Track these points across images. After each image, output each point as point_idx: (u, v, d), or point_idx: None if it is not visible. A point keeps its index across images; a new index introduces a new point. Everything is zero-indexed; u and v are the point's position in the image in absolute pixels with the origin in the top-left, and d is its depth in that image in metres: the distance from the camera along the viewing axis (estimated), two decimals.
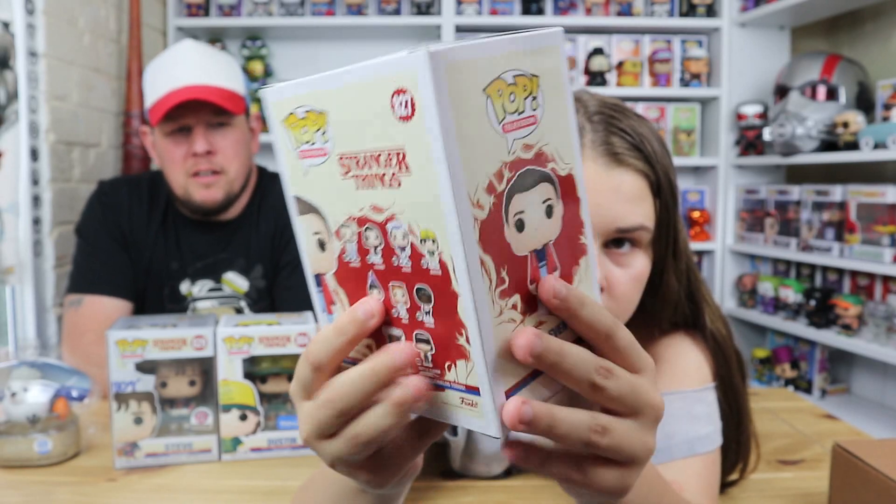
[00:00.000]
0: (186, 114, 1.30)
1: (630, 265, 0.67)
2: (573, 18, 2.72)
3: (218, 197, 1.35)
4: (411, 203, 0.34)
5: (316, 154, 0.38)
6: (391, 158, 0.34)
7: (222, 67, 1.35)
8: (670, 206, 0.68)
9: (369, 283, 0.38)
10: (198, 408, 0.92)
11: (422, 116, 0.31)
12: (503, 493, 0.82)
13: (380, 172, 0.35)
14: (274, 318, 0.95)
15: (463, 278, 0.33)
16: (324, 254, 0.40)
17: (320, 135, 0.37)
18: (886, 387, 2.36)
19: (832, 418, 1.10)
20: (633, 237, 0.66)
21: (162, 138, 1.33)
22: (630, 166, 0.65)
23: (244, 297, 1.40)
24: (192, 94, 1.27)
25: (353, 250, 0.38)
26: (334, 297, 0.41)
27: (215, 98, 1.28)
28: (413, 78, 0.31)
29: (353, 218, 0.38)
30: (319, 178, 0.38)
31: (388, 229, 0.36)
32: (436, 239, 0.33)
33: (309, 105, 0.37)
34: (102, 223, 1.38)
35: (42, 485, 0.85)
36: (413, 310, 0.37)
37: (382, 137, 0.34)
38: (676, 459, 0.70)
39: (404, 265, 0.36)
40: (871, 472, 0.65)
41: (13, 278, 1.76)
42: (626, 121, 0.67)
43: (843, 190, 2.19)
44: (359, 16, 2.72)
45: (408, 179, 0.34)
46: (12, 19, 1.74)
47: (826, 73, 2.32)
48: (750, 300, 2.64)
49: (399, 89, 0.32)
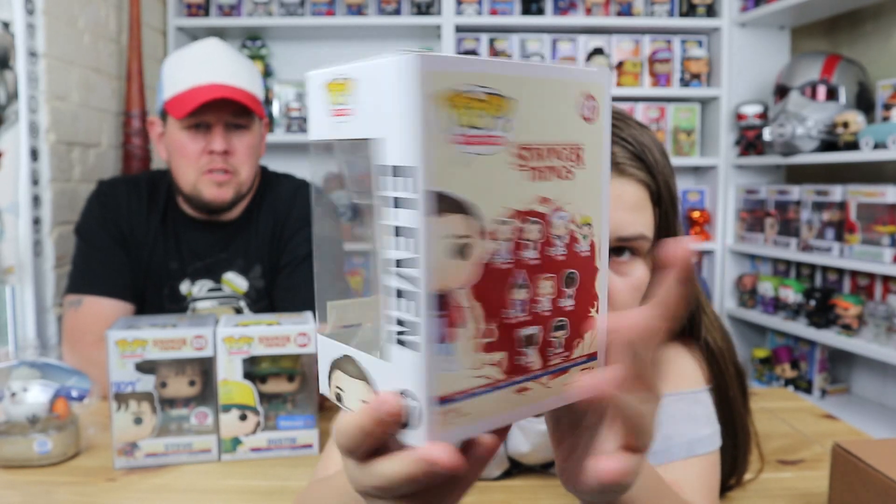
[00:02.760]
0: (208, 111, 1.30)
1: (630, 274, 0.67)
2: (573, 18, 2.72)
3: (227, 197, 1.35)
4: (580, 193, 0.39)
5: (487, 141, 0.35)
6: (571, 153, 0.39)
7: (248, 70, 1.37)
8: (670, 214, 0.69)
9: (518, 282, 0.37)
10: (197, 408, 0.92)
11: (601, 120, 0.40)
12: (503, 493, 0.82)
13: (559, 165, 0.38)
14: (274, 319, 0.95)
15: (605, 252, 0.41)
16: (463, 262, 0.35)
17: (501, 121, 0.35)
18: (886, 387, 2.36)
19: (832, 418, 1.10)
20: (633, 246, 0.67)
21: (178, 131, 1.33)
22: (632, 176, 0.66)
23: (243, 298, 1.40)
24: (222, 92, 1.28)
25: (505, 249, 0.36)
26: (464, 316, 0.35)
27: (243, 99, 1.29)
28: (601, 89, 0.40)
29: (515, 213, 0.36)
30: (483, 168, 0.35)
31: (553, 220, 0.38)
32: (591, 223, 0.40)
33: (492, 88, 0.34)
34: (101, 223, 1.38)
35: (42, 485, 0.85)
36: (557, 297, 0.39)
37: (565, 133, 0.38)
38: (676, 460, 0.70)
39: (559, 254, 0.39)
40: (871, 472, 0.65)
41: (13, 278, 1.76)
42: (628, 130, 0.68)
43: (843, 190, 2.19)
44: (359, 16, 2.72)
45: (581, 172, 0.39)
46: (12, 19, 1.74)
47: (826, 73, 2.32)
48: (750, 300, 2.64)
49: (589, 95, 0.39)
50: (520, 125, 0.36)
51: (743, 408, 0.78)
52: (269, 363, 0.93)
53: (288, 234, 1.41)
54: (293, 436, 0.94)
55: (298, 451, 0.95)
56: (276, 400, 0.95)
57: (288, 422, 0.94)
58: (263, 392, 0.93)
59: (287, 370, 0.94)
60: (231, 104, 1.30)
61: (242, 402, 0.92)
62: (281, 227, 1.42)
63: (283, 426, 0.94)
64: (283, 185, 1.47)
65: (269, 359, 0.93)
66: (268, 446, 0.94)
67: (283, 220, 1.42)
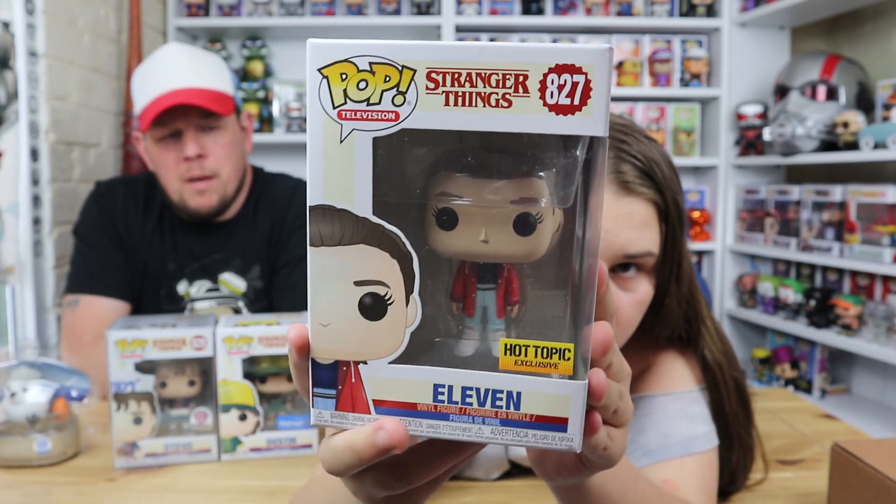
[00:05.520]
0: (176, 118, 1.29)
1: (635, 290, 0.68)
2: (573, 18, 2.72)
3: (212, 203, 1.35)
4: None
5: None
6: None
7: (209, 68, 1.34)
8: (677, 231, 0.69)
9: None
10: (197, 408, 0.92)
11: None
12: (503, 493, 0.82)
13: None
14: (273, 318, 0.95)
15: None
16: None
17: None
18: (886, 387, 2.36)
19: (831, 418, 1.10)
20: (639, 262, 0.67)
21: (153, 144, 1.33)
22: (641, 195, 0.66)
23: (242, 298, 1.40)
24: (180, 98, 1.26)
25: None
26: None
27: (203, 101, 1.27)
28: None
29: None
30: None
31: None
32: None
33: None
34: (99, 224, 1.38)
35: (41, 485, 0.85)
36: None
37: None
38: (673, 459, 0.70)
39: None
40: (871, 472, 0.65)
41: (13, 278, 1.76)
42: (637, 145, 0.68)
43: (843, 190, 2.19)
44: (359, 16, 2.72)
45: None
46: (12, 19, 1.74)
47: (826, 73, 2.32)
48: (750, 300, 2.64)
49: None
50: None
51: (743, 422, 0.77)
52: (269, 363, 0.93)
53: (286, 233, 1.41)
54: (293, 436, 0.94)
55: (298, 451, 0.95)
56: (275, 400, 0.95)
57: (287, 422, 0.94)
58: (263, 392, 0.93)
59: (286, 370, 0.94)
60: (196, 107, 1.28)
61: (242, 402, 0.92)
62: (279, 226, 1.41)
63: (282, 426, 0.94)
64: (280, 185, 1.46)
65: (269, 359, 0.93)
66: (267, 446, 0.94)
67: (280, 219, 1.42)
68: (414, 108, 0.32)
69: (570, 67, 0.31)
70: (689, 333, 0.76)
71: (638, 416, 0.75)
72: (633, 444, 0.73)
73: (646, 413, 0.75)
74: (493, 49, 0.31)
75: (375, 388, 0.35)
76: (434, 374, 0.35)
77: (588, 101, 0.31)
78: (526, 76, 0.31)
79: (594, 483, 0.48)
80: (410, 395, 0.35)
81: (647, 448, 0.72)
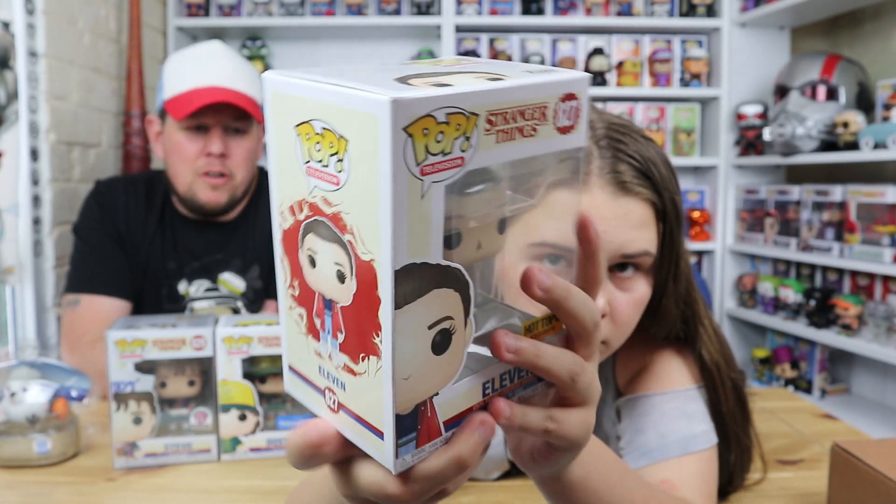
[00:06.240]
0: (208, 113, 1.30)
1: (632, 289, 0.68)
2: (573, 18, 2.72)
3: (222, 200, 1.35)
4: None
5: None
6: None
7: (248, 74, 1.37)
8: (674, 230, 0.69)
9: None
10: (197, 408, 0.92)
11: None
12: (503, 493, 0.82)
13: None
14: (273, 318, 0.95)
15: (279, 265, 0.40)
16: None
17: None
18: (886, 387, 2.36)
19: (831, 418, 1.10)
20: (636, 262, 0.67)
21: (177, 131, 1.33)
22: (638, 195, 0.66)
23: (241, 298, 1.40)
24: (223, 96, 1.28)
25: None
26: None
27: (243, 103, 1.29)
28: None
29: None
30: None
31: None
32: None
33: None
34: (99, 223, 1.38)
35: (41, 485, 0.85)
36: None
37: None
38: (671, 458, 0.70)
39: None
40: (870, 472, 0.65)
41: (13, 278, 1.76)
42: (634, 145, 0.67)
43: (843, 190, 2.19)
44: (359, 16, 2.73)
45: None
46: (12, 19, 1.74)
47: (826, 73, 2.32)
48: (750, 300, 2.64)
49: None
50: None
51: (741, 422, 0.76)
52: (269, 363, 0.93)
53: None
54: None
55: None
56: (275, 400, 0.95)
57: (287, 422, 0.94)
58: (263, 392, 0.93)
59: None
60: (230, 108, 1.30)
61: (242, 402, 0.92)
62: None
63: (282, 426, 0.94)
64: None
65: (269, 359, 0.93)
66: (267, 446, 0.94)
67: None
68: (475, 150, 0.32)
69: (571, 95, 0.36)
70: (687, 333, 0.76)
71: (635, 416, 0.75)
72: (630, 444, 0.73)
73: (643, 413, 0.75)
74: (531, 86, 0.34)
75: (445, 411, 0.35)
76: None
77: (578, 121, 0.37)
78: (546, 106, 0.35)
79: (576, 475, 0.48)
80: (466, 402, 0.36)
81: (646, 448, 0.72)
